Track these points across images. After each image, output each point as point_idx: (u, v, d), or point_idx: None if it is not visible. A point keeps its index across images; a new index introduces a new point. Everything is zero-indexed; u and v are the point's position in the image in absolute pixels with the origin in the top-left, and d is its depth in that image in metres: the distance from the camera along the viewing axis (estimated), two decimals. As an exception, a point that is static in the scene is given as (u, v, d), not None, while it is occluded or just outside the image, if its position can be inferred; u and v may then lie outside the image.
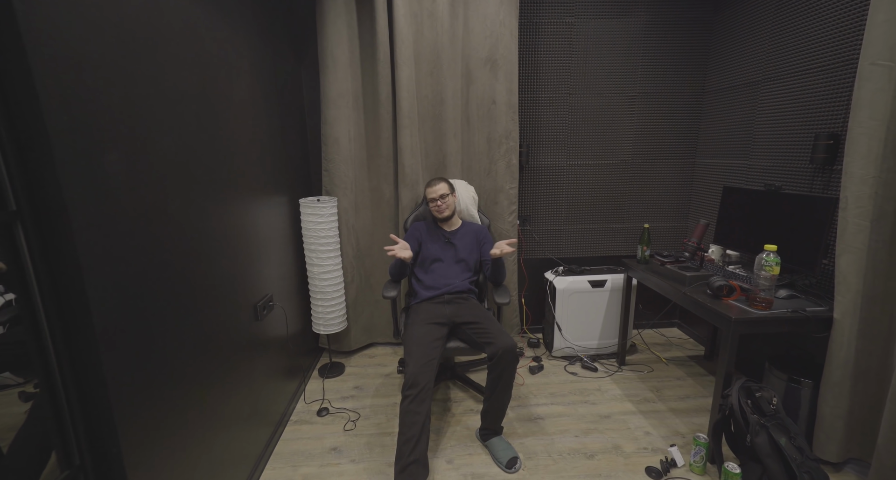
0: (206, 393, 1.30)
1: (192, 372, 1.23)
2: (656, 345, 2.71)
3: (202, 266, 1.30)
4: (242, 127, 1.62)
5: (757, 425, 1.45)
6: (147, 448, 1.03)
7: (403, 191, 2.39)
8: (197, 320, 1.27)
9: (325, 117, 2.28)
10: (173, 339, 1.15)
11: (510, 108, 2.37)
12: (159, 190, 1.10)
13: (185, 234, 1.22)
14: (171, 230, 1.15)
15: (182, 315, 1.19)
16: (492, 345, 1.68)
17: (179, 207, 1.19)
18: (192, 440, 1.22)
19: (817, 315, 1.53)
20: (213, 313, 1.36)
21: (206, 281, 1.33)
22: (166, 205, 1.13)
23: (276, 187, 1.97)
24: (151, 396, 1.05)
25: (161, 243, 1.11)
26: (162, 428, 1.09)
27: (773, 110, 2.06)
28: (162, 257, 1.11)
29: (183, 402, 1.18)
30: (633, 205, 2.74)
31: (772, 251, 1.55)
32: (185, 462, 1.18)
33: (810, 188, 1.84)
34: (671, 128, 2.63)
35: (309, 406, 2.10)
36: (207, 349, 1.32)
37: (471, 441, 1.83)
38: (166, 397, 1.11)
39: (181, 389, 1.18)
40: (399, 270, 2.02)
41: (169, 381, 1.12)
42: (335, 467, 1.69)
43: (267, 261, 1.83)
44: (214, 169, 1.39)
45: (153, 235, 1.08)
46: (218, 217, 1.41)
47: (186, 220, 1.22)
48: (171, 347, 1.14)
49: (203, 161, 1.32)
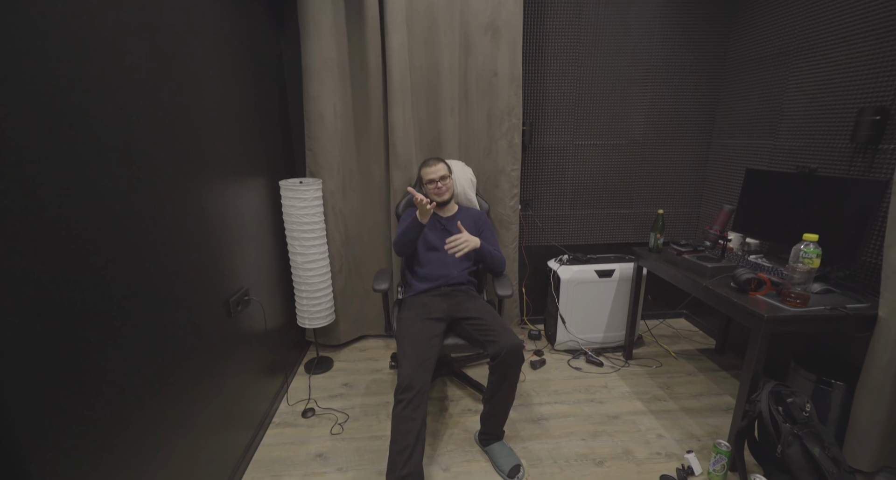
0: (167, 401, 1.12)
1: (147, 380, 1.05)
2: (664, 337, 2.56)
3: (156, 261, 1.11)
4: (205, 99, 1.39)
5: (790, 435, 1.31)
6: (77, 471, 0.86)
7: (395, 172, 2.18)
8: (152, 322, 1.08)
9: (308, 90, 2.05)
10: (117, 349, 0.96)
11: (513, 82, 2.14)
12: (86, 169, 0.89)
13: (130, 224, 1.02)
14: (110, 219, 0.95)
15: (131, 318, 1.00)
16: (495, 344, 1.51)
17: (120, 191, 0.98)
18: (147, 455, 1.05)
19: (859, 312, 1.37)
20: (174, 313, 1.17)
21: (165, 279, 1.14)
22: (101, 188, 0.92)
23: (252, 168, 1.75)
24: (86, 417, 0.87)
25: (95, 236, 0.91)
26: (100, 449, 0.91)
27: (806, 84, 1.85)
28: (96, 254, 0.91)
29: (137, 415, 1.00)
30: (643, 189, 2.55)
31: (812, 241, 1.37)
32: (137, 473, 1.01)
33: (848, 170, 1.66)
34: (686, 105, 2.42)
35: (293, 407, 1.93)
36: (169, 353, 1.14)
37: (469, 446, 1.68)
38: (111, 412, 0.93)
39: (133, 400, 1.00)
40: (412, 238, 1.75)
41: (117, 394, 0.94)
42: (320, 477, 1.54)
43: (241, 252, 1.63)
44: (168, 146, 1.18)
45: (84, 227, 0.88)
46: (175, 202, 1.20)
47: (129, 207, 1.02)
48: (115, 358, 0.95)
49: (151, 137, 1.11)
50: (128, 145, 1.02)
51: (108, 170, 0.95)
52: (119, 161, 0.99)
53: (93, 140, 0.91)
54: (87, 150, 0.89)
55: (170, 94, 1.19)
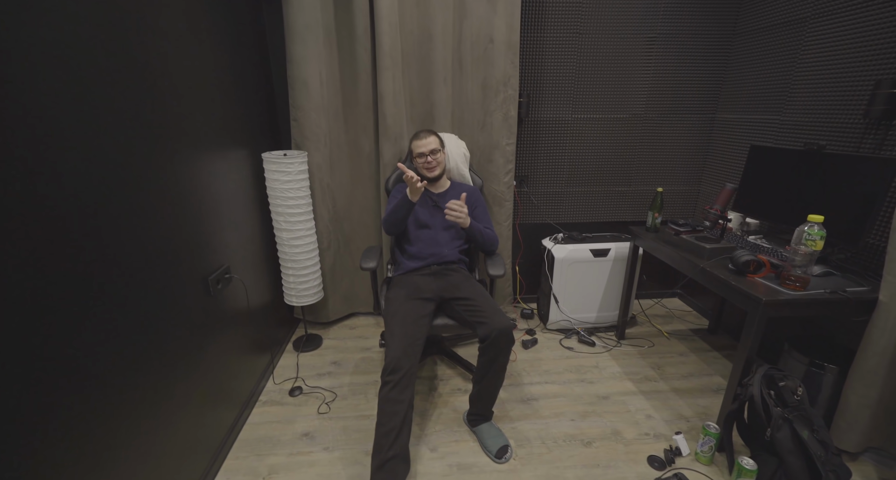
0: (141, 382, 1.08)
1: (119, 361, 0.99)
2: (657, 317, 2.54)
3: (126, 237, 1.03)
4: (174, 63, 1.28)
5: (780, 419, 1.29)
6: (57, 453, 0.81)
7: (385, 145, 2.07)
8: (122, 301, 1.02)
9: (291, 55, 1.91)
10: (88, 329, 0.90)
11: (510, 49, 2.02)
12: (44, 142, 0.80)
13: (94, 197, 0.93)
14: (72, 192, 0.87)
15: (99, 295, 0.94)
16: (485, 326, 1.47)
17: (82, 163, 0.90)
18: (122, 446, 1.01)
19: (859, 296, 1.33)
20: (146, 291, 1.11)
21: (136, 256, 1.07)
22: (60, 161, 0.84)
23: (231, 139, 1.65)
24: (61, 399, 0.82)
25: (58, 210, 0.83)
26: (70, 438, 0.87)
27: (820, 54, 1.75)
28: (61, 229, 0.83)
29: (108, 397, 0.95)
30: (643, 166, 2.46)
31: (817, 223, 1.31)
32: (119, 459, 0.97)
33: (858, 148, 1.58)
34: (692, 78, 2.31)
35: (280, 386, 1.91)
36: (141, 333, 1.08)
37: (458, 426, 1.67)
38: (79, 397, 0.88)
39: (103, 382, 0.94)
40: (402, 217, 1.67)
41: (89, 375, 0.89)
42: (306, 456, 1.52)
43: (221, 228, 1.55)
44: (136, 115, 1.08)
45: (47, 201, 0.79)
46: (143, 175, 1.12)
47: (93, 179, 0.93)
48: (85, 338, 0.89)
49: (117, 104, 1.01)
50: (90, 113, 0.92)
51: (65, 141, 0.86)
52: (80, 129, 0.90)
53: (48, 108, 0.82)
54: (43, 122, 0.80)
55: (132, 60, 1.08)
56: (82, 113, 0.92)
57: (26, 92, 0.79)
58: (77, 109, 0.91)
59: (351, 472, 1.45)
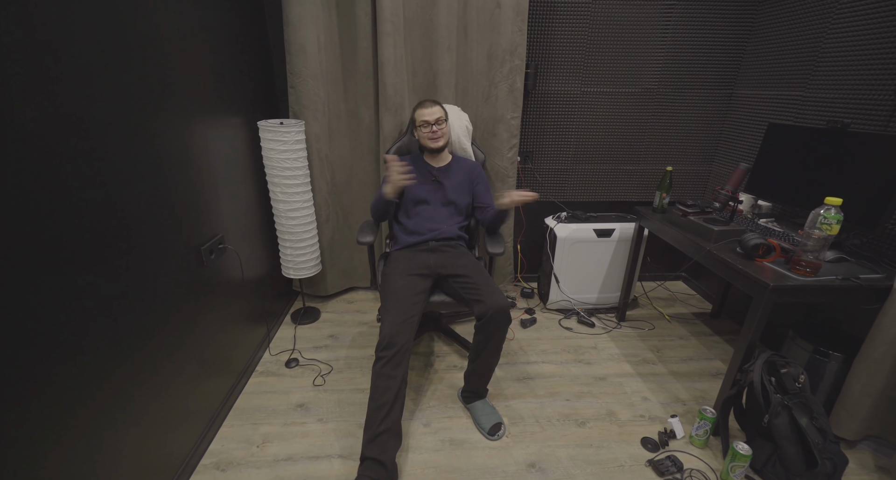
0: (131, 352, 1.07)
1: (107, 329, 0.98)
2: (659, 300, 2.51)
3: (113, 205, 1.00)
4: (160, 22, 1.21)
5: (779, 406, 1.26)
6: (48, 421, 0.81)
7: (385, 116, 2.00)
8: (111, 269, 0.99)
9: (288, 17, 1.82)
10: (75, 297, 0.88)
11: (518, 15, 1.90)
12: (26, 108, 0.76)
13: (80, 166, 0.89)
14: (57, 159, 0.83)
15: (86, 263, 0.91)
16: (481, 304, 1.44)
17: (64, 128, 0.85)
18: (116, 408, 1.00)
19: (872, 283, 1.27)
20: (134, 260, 1.08)
21: (123, 224, 1.03)
22: (42, 129, 0.79)
23: (225, 105, 1.59)
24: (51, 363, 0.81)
25: (44, 177, 0.79)
26: (59, 408, 0.86)
27: (853, 23, 1.62)
28: (47, 196, 0.79)
29: (96, 366, 0.94)
30: (654, 144, 2.37)
31: (834, 206, 1.24)
32: (102, 436, 0.97)
33: (886, 127, 1.49)
34: (711, 49, 2.18)
35: (277, 357, 1.91)
36: (130, 303, 1.06)
37: (452, 402, 1.67)
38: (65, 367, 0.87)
39: (92, 350, 0.93)
40: (384, 208, 1.69)
41: (83, 342, 0.87)
42: (300, 426, 1.53)
43: (215, 198, 1.51)
44: (121, 79, 1.02)
45: (32, 168, 0.76)
46: (130, 142, 1.07)
47: (79, 146, 0.89)
48: (73, 307, 0.87)
49: (104, 68, 0.95)
50: (72, 77, 0.87)
51: (54, 108, 0.81)
52: (64, 98, 0.85)
53: (37, 75, 0.76)
54: (32, 89, 0.75)
55: (120, 19, 1.01)
56: (66, 78, 0.87)
57: (20, 60, 0.74)
58: (61, 75, 0.85)
59: (343, 444, 1.46)
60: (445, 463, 1.40)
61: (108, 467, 1.00)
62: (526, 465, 1.40)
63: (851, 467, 1.38)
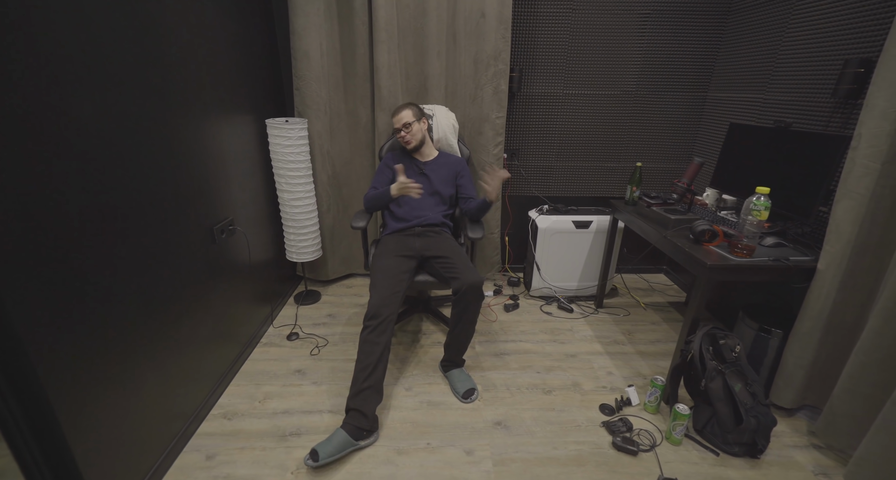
0: (154, 311, 1.28)
1: (134, 289, 1.19)
2: (638, 290, 2.66)
3: (141, 183, 1.21)
4: (181, 30, 1.43)
5: (714, 371, 1.43)
6: (83, 379, 1.02)
7: (380, 115, 2.21)
8: (136, 239, 1.21)
9: (294, 27, 2.04)
10: (103, 262, 1.09)
11: (501, 23, 2.09)
12: (67, 100, 0.98)
13: (115, 150, 1.11)
14: (95, 144, 1.04)
15: (116, 232, 1.13)
16: (457, 280, 1.63)
17: (97, 117, 1.07)
18: (143, 361, 1.22)
19: (800, 265, 1.43)
20: (157, 232, 1.30)
21: (147, 201, 1.25)
22: (78, 117, 1.01)
23: (237, 104, 1.81)
24: (83, 321, 1.02)
25: (83, 156, 1.00)
26: (100, 355, 1.07)
27: (803, 31, 1.77)
28: (83, 171, 1.01)
29: (128, 320, 1.16)
30: (633, 142, 2.53)
31: (763, 194, 1.41)
32: (132, 382, 1.19)
33: (826, 126, 1.64)
34: (685, 55, 2.34)
35: (279, 331, 2.13)
36: (153, 270, 1.28)
37: (433, 372, 1.86)
38: (101, 318, 1.08)
39: (121, 308, 1.15)
40: (383, 204, 1.91)
41: (107, 304, 1.09)
42: (297, 387, 1.74)
43: (227, 184, 1.73)
44: (141, 73, 1.24)
45: (71, 150, 0.97)
46: (155, 131, 1.29)
47: (111, 134, 1.11)
48: (102, 269, 1.08)
49: (123, 63, 1.17)
50: (106, 74, 1.09)
51: (79, 100, 1.03)
52: (94, 90, 1.06)
53: (94, 71, 0.98)
54: (82, 87, 0.97)
55: (146, 31, 1.23)
56: (100, 77, 1.09)
57: (49, 57, 0.96)
58: (96, 73, 1.07)
59: (333, 401, 1.66)
60: (422, 420, 1.59)
61: (139, 406, 1.22)
62: (493, 423, 1.58)
63: (786, 432, 1.53)
